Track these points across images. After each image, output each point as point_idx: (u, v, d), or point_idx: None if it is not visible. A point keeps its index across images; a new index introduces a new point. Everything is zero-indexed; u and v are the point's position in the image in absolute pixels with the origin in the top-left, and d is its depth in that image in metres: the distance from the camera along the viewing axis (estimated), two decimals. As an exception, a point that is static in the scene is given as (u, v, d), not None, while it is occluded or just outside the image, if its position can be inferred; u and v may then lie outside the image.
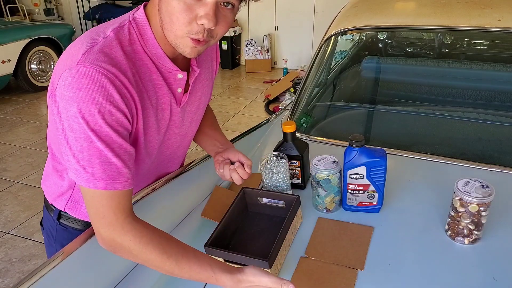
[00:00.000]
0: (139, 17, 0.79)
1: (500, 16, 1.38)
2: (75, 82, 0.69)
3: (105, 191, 0.73)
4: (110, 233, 0.74)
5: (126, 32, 0.77)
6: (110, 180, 0.73)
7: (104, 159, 0.72)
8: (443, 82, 1.76)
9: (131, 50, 0.77)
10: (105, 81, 0.71)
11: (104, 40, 0.74)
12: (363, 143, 0.95)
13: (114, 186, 0.73)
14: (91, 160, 0.71)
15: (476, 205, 0.85)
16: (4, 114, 4.39)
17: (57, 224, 1.01)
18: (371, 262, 0.86)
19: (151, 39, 0.79)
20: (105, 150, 0.72)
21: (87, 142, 0.71)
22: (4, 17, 6.31)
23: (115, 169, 0.73)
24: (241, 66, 6.12)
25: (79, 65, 0.70)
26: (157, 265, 0.74)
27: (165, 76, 0.84)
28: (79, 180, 0.73)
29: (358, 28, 1.62)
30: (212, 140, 1.08)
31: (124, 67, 0.75)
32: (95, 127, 0.71)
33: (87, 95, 0.70)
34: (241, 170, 0.95)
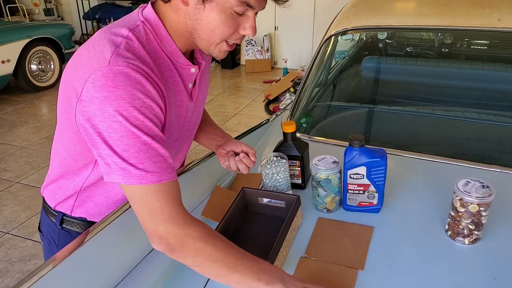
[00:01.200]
0: (151, 16, 0.79)
1: (500, 16, 1.38)
2: (109, 81, 0.69)
3: (159, 184, 0.71)
4: (172, 228, 0.71)
5: (142, 32, 0.78)
6: (163, 171, 0.72)
7: (152, 152, 0.71)
8: (443, 82, 1.76)
9: (150, 49, 0.78)
10: (140, 77, 0.71)
11: (126, 40, 0.74)
12: (363, 143, 0.95)
13: (168, 177, 0.72)
14: (139, 156, 0.70)
15: (476, 205, 0.85)
16: (4, 114, 4.39)
17: (59, 229, 1.01)
18: (371, 262, 0.86)
19: (166, 37, 0.80)
20: (153, 143, 0.71)
21: (132, 139, 0.70)
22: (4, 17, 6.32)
23: (163, 160, 0.73)
24: (241, 66, 6.12)
25: (112, 65, 0.69)
26: (221, 257, 0.70)
27: (180, 72, 0.85)
28: (129, 179, 0.70)
29: (358, 28, 1.62)
30: (210, 135, 1.10)
31: (151, 65, 0.76)
32: (137, 122, 0.70)
33: (126, 92, 0.69)
34: (246, 160, 0.99)
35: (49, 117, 4.31)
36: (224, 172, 1.20)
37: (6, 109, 4.53)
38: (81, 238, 0.83)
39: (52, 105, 4.64)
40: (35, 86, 4.92)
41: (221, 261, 0.71)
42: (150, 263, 0.88)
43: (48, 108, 4.58)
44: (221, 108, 4.47)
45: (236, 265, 0.71)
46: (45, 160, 3.36)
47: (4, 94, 4.83)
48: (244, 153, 1.00)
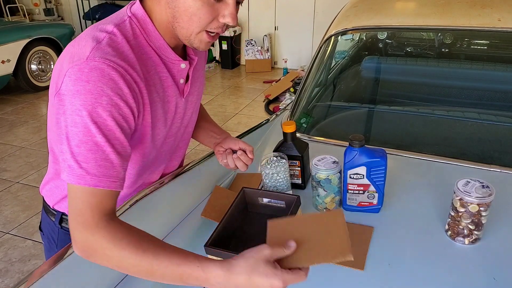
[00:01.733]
0: (138, 11, 0.80)
1: (500, 16, 1.38)
2: (84, 75, 0.69)
3: (92, 188, 0.69)
4: (83, 233, 0.68)
5: (128, 27, 0.78)
6: (104, 177, 0.70)
7: (100, 155, 0.70)
8: (443, 82, 1.76)
9: (136, 44, 0.78)
10: (115, 74, 0.71)
11: (109, 36, 0.74)
12: (363, 143, 0.95)
13: (106, 184, 0.70)
14: (87, 155, 0.69)
15: (476, 205, 0.85)
16: (4, 114, 4.39)
17: (58, 228, 1.01)
18: (371, 262, 0.86)
19: (154, 31, 0.80)
20: (105, 145, 0.70)
21: (87, 136, 0.69)
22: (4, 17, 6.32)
23: (110, 166, 0.71)
24: (241, 66, 6.12)
25: (89, 60, 0.70)
26: (133, 262, 0.66)
27: (169, 67, 0.85)
28: (70, 177, 0.69)
29: (358, 28, 1.62)
30: (208, 132, 1.10)
31: (133, 61, 0.75)
32: (99, 120, 0.69)
33: (96, 87, 0.69)
34: (244, 157, 0.99)
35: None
36: (224, 172, 1.20)
37: (6, 109, 4.53)
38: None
39: (52, 105, 4.64)
40: (35, 86, 4.92)
41: (134, 267, 0.67)
42: (150, 263, 0.88)
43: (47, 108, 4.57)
44: (221, 108, 4.47)
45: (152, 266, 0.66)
46: (45, 160, 3.35)
47: (4, 94, 4.83)
48: (241, 151, 1.00)
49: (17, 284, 0.73)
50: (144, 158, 0.90)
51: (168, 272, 0.66)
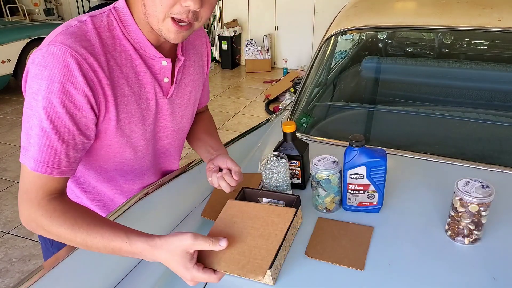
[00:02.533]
0: (120, 5, 0.81)
1: (500, 16, 1.38)
2: (43, 60, 0.71)
3: (36, 172, 0.73)
4: (28, 209, 0.74)
5: (104, 19, 0.79)
6: (45, 163, 0.73)
7: (45, 142, 0.72)
8: (443, 82, 1.76)
9: (109, 36, 0.78)
10: (70, 61, 0.71)
11: (79, 24, 0.76)
12: (363, 143, 0.95)
13: (45, 170, 0.73)
14: (35, 139, 0.72)
15: (476, 205, 0.85)
16: (4, 114, 4.39)
17: None
18: (371, 262, 0.86)
19: (132, 25, 0.80)
20: (50, 132, 0.72)
21: (37, 120, 0.72)
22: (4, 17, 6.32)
23: (53, 153, 0.73)
24: (241, 66, 6.12)
25: (50, 45, 0.72)
26: (68, 238, 0.73)
27: (149, 63, 0.84)
28: (22, 157, 0.74)
29: (358, 28, 1.62)
30: (205, 146, 1.05)
31: (97, 51, 0.75)
32: (49, 105, 0.71)
33: (51, 73, 0.70)
34: (228, 177, 0.91)
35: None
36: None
37: (6, 109, 4.54)
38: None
39: (52, 105, 4.64)
40: (35, 86, 4.91)
41: (70, 241, 0.74)
42: (150, 263, 0.88)
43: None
44: (221, 108, 4.47)
45: (86, 242, 0.73)
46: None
47: (4, 94, 4.83)
48: (227, 170, 0.92)
49: (17, 284, 0.73)
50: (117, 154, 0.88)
51: (101, 246, 0.72)
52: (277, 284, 0.82)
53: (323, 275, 0.83)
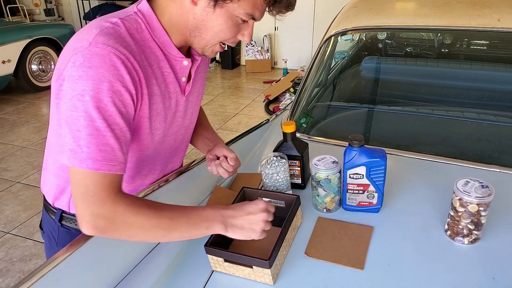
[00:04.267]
0: (144, 8, 0.82)
1: (499, 16, 1.38)
2: (86, 61, 0.71)
3: (97, 172, 0.72)
4: (101, 209, 0.72)
5: (133, 21, 0.80)
6: (106, 161, 0.72)
7: (101, 140, 0.72)
8: (443, 82, 1.76)
9: (139, 37, 0.80)
10: (116, 61, 0.72)
11: (113, 25, 0.77)
12: (363, 143, 0.95)
13: (107, 168, 0.72)
14: (88, 139, 0.71)
15: (476, 205, 0.85)
16: (5, 114, 4.39)
17: (59, 226, 1.01)
18: (371, 262, 0.86)
19: (158, 27, 0.82)
20: (105, 130, 0.72)
21: (87, 121, 0.71)
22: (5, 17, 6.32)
23: (110, 150, 0.73)
24: (241, 66, 6.12)
25: (91, 46, 0.72)
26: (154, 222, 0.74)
27: (172, 64, 0.87)
28: (73, 160, 0.71)
29: (358, 28, 1.62)
30: (203, 139, 1.11)
31: (134, 51, 0.77)
32: (100, 104, 0.71)
33: (98, 73, 0.71)
34: (225, 164, 1.00)
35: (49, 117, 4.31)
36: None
37: (7, 109, 4.54)
38: (81, 238, 0.83)
39: (52, 105, 4.65)
40: (36, 86, 4.92)
41: (155, 226, 0.74)
42: (150, 263, 0.88)
43: (48, 108, 4.56)
44: (221, 108, 4.47)
45: (172, 225, 0.75)
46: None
47: (4, 94, 4.83)
48: (223, 157, 1.01)
49: (18, 284, 0.73)
50: (141, 151, 0.91)
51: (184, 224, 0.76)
52: (277, 284, 0.82)
53: (323, 275, 0.83)
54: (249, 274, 0.82)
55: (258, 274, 0.81)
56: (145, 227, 0.74)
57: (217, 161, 1.01)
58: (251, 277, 0.83)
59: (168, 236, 0.76)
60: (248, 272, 0.82)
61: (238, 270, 0.83)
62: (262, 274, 0.80)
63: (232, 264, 0.83)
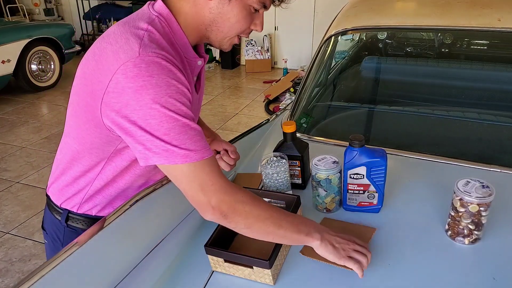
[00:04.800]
0: (163, 10, 0.83)
1: (500, 16, 1.38)
2: (143, 71, 0.72)
3: (203, 160, 0.75)
4: (224, 196, 0.76)
5: (159, 25, 0.81)
6: (204, 149, 0.76)
7: (192, 133, 0.75)
8: (443, 82, 1.76)
9: (168, 40, 0.82)
10: (170, 65, 0.75)
11: (148, 33, 0.78)
12: (363, 143, 0.95)
13: (208, 153, 0.77)
14: (180, 137, 0.74)
15: (476, 205, 0.85)
16: (4, 114, 4.39)
17: (65, 226, 1.01)
18: (371, 262, 0.86)
19: (178, 30, 0.84)
20: (191, 124, 0.76)
21: (172, 123, 0.74)
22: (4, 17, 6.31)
23: (202, 139, 0.77)
24: (241, 66, 6.12)
25: (142, 55, 0.73)
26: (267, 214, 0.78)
27: (190, 64, 0.89)
28: (173, 159, 0.74)
29: (358, 28, 1.62)
30: None
31: (173, 54, 0.80)
32: (174, 108, 0.74)
33: (161, 80, 0.73)
34: (226, 157, 1.03)
35: (49, 117, 4.31)
36: (224, 172, 1.20)
37: (7, 109, 4.53)
38: (81, 238, 0.83)
39: (52, 105, 4.65)
40: (35, 86, 4.92)
41: (268, 219, 0.78)
42: (150, 263, 0.88)
43: (48, 108, 4.58)
44: (221, 108, 4.47)
45: (280, 221, 0.79)
46: (45, 160, 3.36)
47: (4, 94, 4.83)
48: (224, 151, 1.04)
49: (17, 284, 0.73)
50: None
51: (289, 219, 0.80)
52: (277, 284, 0.82)
53: (323, 275, 0.83)
54: (249, 274, 0.82)
55: (258, 275, 0.81)
56: (260, 217, 0.77)
57: (218, 155, 1.04)
58: (251, 278, 0.83)
59: (276, 232, 0.79)
60: (248, 273, 0.82)
61: (238, 270, 0.83)
62: (262, 275, 0.80)
63: (232, 264, 0.82)
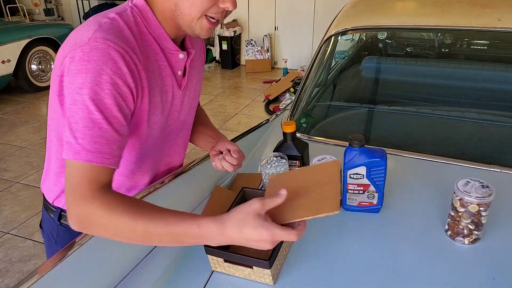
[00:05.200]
0: (139, 2, 0.83)
1: (500, 16, 1.38)
2: (85, 55, 0.71)
3: (88, 163, 0.71)
4: (82, 205, 0.70)
5: (130, 15, 0.81)
6: (98, 153, 0.71)
7: (97, 132, 0.71)
8: (443, 82, 1.76)
9: (137, 31, 0.81)
10: (115, 54, 0.73)
11: (111, 20, 0.77)
12: (363, 143, 0.95)
13: (99, 160, 0.71)
14: (84, 131, 0.71)
15: (476, 205, 0.85)
16: (4, 114, 4.39)
17: (58, 225, 1.01)
18: (371, 262, 0.86)
19: (154, 21, 0.82)
20: (102, 122, 0.72)
21: (85, 113, 0.71)
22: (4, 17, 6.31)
23: (105, 143, 0.72)
24: (241, 66, 6.12)
25: (90, 41, 0.72)
26: (129, 228, 0.68)
27: (168, 57, 0.87)
28: (68, 152, 0.71)
29: (358, 28, 1.62)
30: (205, 136, 1.12)
31: (133, 45, 0.78)
32: (97, 97, 0.71)
33: (96, 66, 0.71)
34: (229, 157, 0.99)
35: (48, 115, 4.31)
36: (224, 172, 1.20)
37: (6, 109, 4.53)
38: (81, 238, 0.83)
39: (52, 105, 4.65)
40: (35, 86, 4.92)
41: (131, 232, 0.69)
42: (150, 263, 0.88)
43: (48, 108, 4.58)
44: (221, 108, 4.47)
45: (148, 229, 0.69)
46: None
47: (4, 94, 4.83)
48: (227, 151, 1.02)
49: (17, 284, 0.73)
50: (141, 145, 0.91)
51: (165, 232, 0.68)
52: (277, 284, 0.82)
53: (323, 275, 0.83)
54: (249, 274, 0.82)
55: (258, 275, 0.81)
56: (118, 231, 0.70)
57: (221, 155, 1.01)
58: (251, 278, 0.83)
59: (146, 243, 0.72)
60: (248, 273, 0.82)
61: (238, 270, 0.83)
62: (262, 275, 0.80)
63: (232, 264, 0.82)
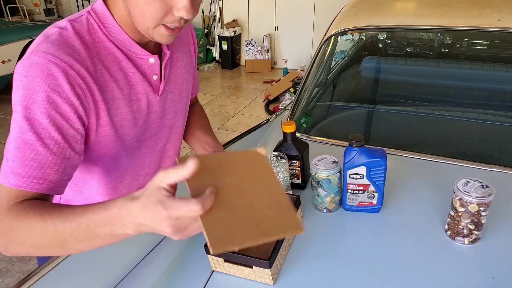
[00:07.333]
0: (98, 7, 0.77)
1: (500, 16, 1.38)
2: (24, 70, 0.68)
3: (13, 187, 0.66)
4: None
5: (84, 22, 0.76)
6: (29, 178, 0.66)
7: (29, 154, 0.66)
8: (443, 82, 1.76)
9: (91, 40, 0.75)
10: (55, 70, 0.68)
11: (60, 30, 0.73)
12: (363, 143, 0.95)
13: (29, 186, 0.66)
14: (15, 153, 0.67)
15: (476, 205, 0.85)
16: (4, 114, 4.39)
17: None
18: (371, 262, 0.86)
19: (114, 26, 0.77)
20: (35, 144, 0.67)
21: (17, 132, 0.67)
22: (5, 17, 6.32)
23: (38, 166, 0.67)
24: (241, 66, 6.12)
25: (31, 55, 0.69)
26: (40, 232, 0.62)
27: (137, 63, 0.81)
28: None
29: (358, 28, 1.62)
30: (202, 143, 1.06)
31: (82, 57, 0.72)
32: (32, 116, 0.67)
33: (32, 83, 0.67)
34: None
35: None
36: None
37: (6, 109, 4.53)
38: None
39: (52, 105, 4.64)
40: (35, 86, 4.92)
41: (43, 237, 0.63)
42: (150, 263, 0.88)
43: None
44: (221, 108, 4.47)
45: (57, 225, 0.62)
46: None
47: (4, 94, 4.82)
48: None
49: (18, 284, 0.73)
50: (115, 160, 0.86)
51: (75, 227, 0.60)
52: (277, 284, 0.82)
53: (323, 275, 0.83)
54: (249, 274, 0.82)
55: (258, 274, 0.81)
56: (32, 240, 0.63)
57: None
58: (251, 277, 0.83)
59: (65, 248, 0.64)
60: (248, 272, 0.82)
61: (238, 270, 0.83)
62: (262, 274, 0.80)
63: (232, 264, 0.82)
